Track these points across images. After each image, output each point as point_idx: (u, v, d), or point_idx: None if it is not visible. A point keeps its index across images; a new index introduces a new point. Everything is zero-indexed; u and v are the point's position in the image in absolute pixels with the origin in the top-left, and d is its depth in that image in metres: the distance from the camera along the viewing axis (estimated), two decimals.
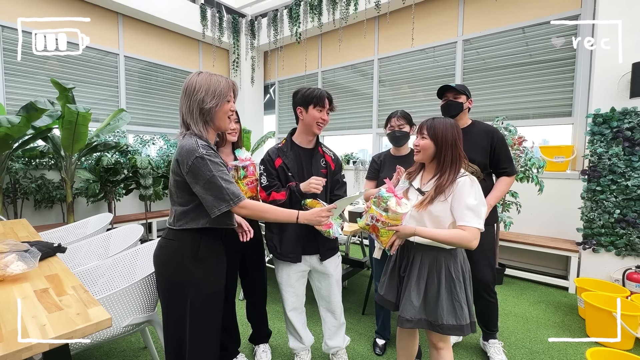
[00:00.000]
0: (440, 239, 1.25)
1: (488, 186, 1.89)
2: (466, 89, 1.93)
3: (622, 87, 2.71)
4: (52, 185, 3.82)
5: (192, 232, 1.24)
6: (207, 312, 1.28)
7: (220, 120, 1.27)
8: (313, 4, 4.90)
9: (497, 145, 1.87)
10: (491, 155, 1.89)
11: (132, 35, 4.84)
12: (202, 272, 1.26)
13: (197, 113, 1.21)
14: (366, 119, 5.02)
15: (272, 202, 1.56)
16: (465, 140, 1.81)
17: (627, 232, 2.69)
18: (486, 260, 1.90)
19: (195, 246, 1.24)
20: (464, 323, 1.27)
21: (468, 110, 1.97)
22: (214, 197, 1.16)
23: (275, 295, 2.70)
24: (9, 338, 0.87)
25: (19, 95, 3.87)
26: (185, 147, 1.17)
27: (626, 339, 2.07)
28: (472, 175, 1.66)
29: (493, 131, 1.91)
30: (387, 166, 2.02)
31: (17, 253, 1.33)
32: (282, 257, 1.66)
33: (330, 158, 1.74)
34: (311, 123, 1.60)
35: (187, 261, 1.24)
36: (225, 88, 1.24)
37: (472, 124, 1.96)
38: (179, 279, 1.25)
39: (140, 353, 2.02)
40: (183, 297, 1.25)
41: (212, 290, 1.29)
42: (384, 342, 2.07)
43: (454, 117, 1.89)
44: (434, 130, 1.31)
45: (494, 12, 3.81)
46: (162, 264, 1.29)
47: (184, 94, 1.23)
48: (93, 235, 2.36)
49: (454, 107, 1.90)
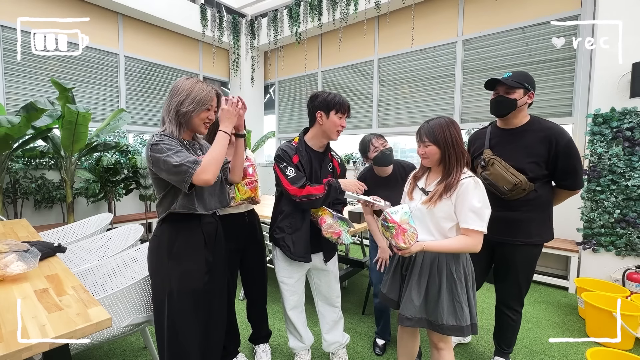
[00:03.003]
0: (447, 250, 1.27)
1: (541, 198, 1.56)
2: (525, 80, 1.55)
3: (622, 87, 2.71)
4: (52, 185, 3.82)
5: (170, 226, 1.30)
6: (184, 312, 1.29)
7: (196, 126, 1.31)
8: (313, 4, 4.90)
9: (557, 151, 1.49)
10: (550, 165, 1.52)
11: (132, 35, 4.84)
12: (177, 268, 1.29)
13: (173, 113, 1.27)
14: (366, 119, 5.02)
15: (308, 195, 1.51)
16: (515, 144, 1.57)
17: (627, 232, 2.68)
18: (515, 277, 1.66)
19: (171, 241, 1.29)
20: (464, 324, 1.27)
21: (529, 106, 1.60)
22: (176, 173, 1.18)
23: (275, 295, 2.70)
24: (9, 338, 0.87)
25: (19, 95, 3.87)
26: (147, 143, 1.25)
27: (626, 339, 2.07)
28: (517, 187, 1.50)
29: (556, 134, 1.49)
30: (372, 186, 1.82)
31: (17, 253, 1.33)
32: (296, 257, 1.61)
33: (337, 163, 1.74)
34: (331, 129, 1.58)
35: (164, 257, 1.29)
36: (207, 97, 1.28)
37: (529, 123, 1.58)
38: (157, 274, 1.31)
39: (140, 353, 2.02)
40: (161, 295, 1.29)
41: (189, 289, 1.30)
42: (384, 342, 2.07)
43: (504, 116, 1.59)
44: (434, 135, 1.30)
45: (494, 12, 3.81)
46: (147, 260, 1.35)
47: (169, 93, 1.30)
48: (93, 235, 2.36)
49: (503, 105, 1.56)
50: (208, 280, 1.37)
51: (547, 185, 1.60)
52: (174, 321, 1.29)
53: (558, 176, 1.57)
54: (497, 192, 1.58)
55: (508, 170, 1.53)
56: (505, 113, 1.58)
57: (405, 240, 1.22)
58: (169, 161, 1.17)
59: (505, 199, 1.57)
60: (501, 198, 1.58)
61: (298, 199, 1.52)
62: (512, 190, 1.53)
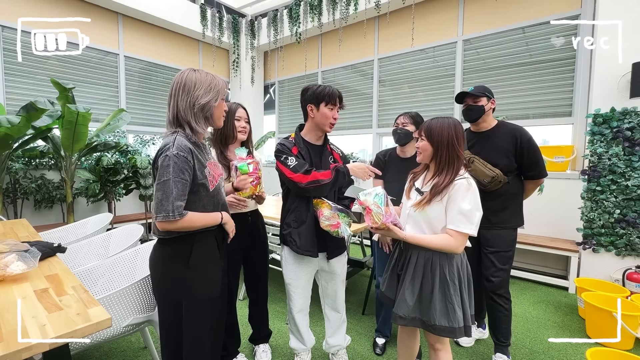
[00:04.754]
0: (425, 244, 1.28)
1: (512, 189, 1.83)
2: (486, 90, 1.85)
3: (622, 87, 2.71)
4: (52, 185, 3.82)
5: (183, 233, 1.20)
6: (205, 320, 1.25)
7: (217, 119, 1.28)
8: (313, 4, 4.90)
9: (522, 147, 1.78)
10: (517, 159, 1.80)
11: (132, 35, 4.84)
12: (199, 277, 1.23)
13: (198, 109, 1.20)
14: (366, 119, 5.01)
15: (315, 181, 1.48)
16: (488, 143, 1.86)
17: (627, 232, 2.68)
18: (498, 260, 1.84)
19: (187, 248, 1.22)
20: (456, 326, 1.26)
21: (493, 111, 1.89)
22: (158, 200, 1.11)
23: (274, 295, 2.70)
24: (9, 338, 0.87)
25: (19, 95, 3.87)
26: (163, 143, 1.18)
27: (626, 339, 2.07)
28: (495, 179, 1.74)
29: (519, 133, 1.81)
30: (393, 167, 1.98)
31: (17, 253, 1.33)
32: (303, 251, 1.57)
33: (339, 155, 1.72)
34: (323, 122, 1.57)
35: (181, 266, 1.22)
36: (222, 86, 1.25)
37: (497, 126, 1.88)
38: (173, 284, 1.23)
39: (140, 353, 2.02)
40: (176, 306, 1.23)
41: (209, 296, 1.25)
42: (384, 341, 2.07)
43: (475, 121, 1.87)
44: (430, 131, 1.31)
45: (494, 12, 3.81)
46: (157, 270, 1.27)
47: (181, 90, 1.19)
48: (93, 235, 2.36)
49: (474, 111, 1.85)
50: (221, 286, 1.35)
51: (517, 179, 1.87)
52: (197, 327, 1.23)
53: (525, 168, 1.83)
54: (479, 185, 1.69)
55: (486, 166, 1.80)
56: (476, 118, 1.86)
57: (372, 219, 1.29)
58: (168, 187, 1.10)
59: (485, 191, 1.76)
60: (482, 190, 1.70)
61: (304, 185, 1.48)
62: (491, 182, 1.79)
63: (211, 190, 1.25)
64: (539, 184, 1.90)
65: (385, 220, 1.28)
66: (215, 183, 1.27)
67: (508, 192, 1.83)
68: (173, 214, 1.10)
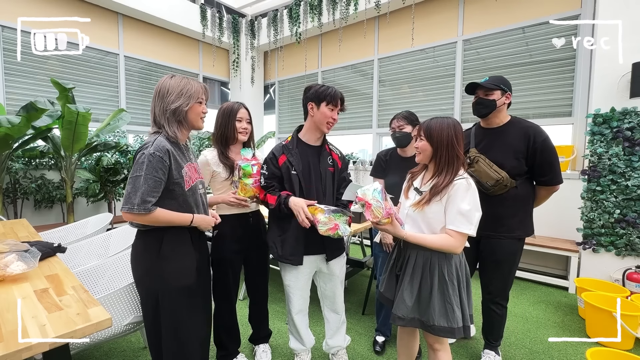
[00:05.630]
0: (425, 244, 1.27)
1: (521, 194, 1.67)
2: (501, 82, 1.66)
3: (622, 87, 2.71)
4: (52, 185, 3.82)
5: (155, 228, 1.27)
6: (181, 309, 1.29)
7: (193, 121, 1.34)
8: (313, 4, 4.90)
9: (535, 147, 1.60)
10: (528, 161, 1.63)
11: (132, 35, 4.84)
12: (169, 266, 1.27)
13: (170, 113, 1.27)
14: (366, 119, 5.02)
15: (264, 202, 1.61)
16: (497, 141, 1.69)
17: (627, 232, 2.68)
18: (499, 271, 1.75)
19: (158, 241, 1.27)
20: (455, 326, 1.26)
21: (508, 106, 1.70)
22: (127, 193, 1.18)
23: (274, 296, 2.70)
24: (9, 338, 0.87)
25: (19, 95, 3.87)
26: (144, 142, 1.25)
27: (626, 339, 2.07)
28: (499, 183, 1.61)
29: (534, 131, 1.62)
30: (394, 166, 1.98)
31: (17, 253, 1.33)
32: (282, 259, 1.60)
33: (337, 156, 1.72)
34: (321, 121, 1.58)
35: (152, 258, 1.27)
36: (196, 90, 1.31)
37: (510, 123, 1.70)
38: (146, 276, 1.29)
39: (140, 353, 2.02)
40: (152, 297, 1.28)
41: (183, 285, 1.29)
42: (384, 339, 2.07)
43: (485, 116, 1.71)
44: (429, 131, 1.30)
45: (494, 12, 3.81)
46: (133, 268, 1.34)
47: (157, 95, 1.29)
48: (93, 235, 2.36)
49: (484, 106, 1.68)
50: (197, 278, 1.36)
51: (527, 183, 1.70)
52: (171, 319, 1.28)
53: (537, 172, 1.66)
54: (481, 188, 1.63)
55: (491, 167, 1.64)
56: (486, 113, 1.70)
57: (372, 214, 1.26)
58: (138, 182, 1.17)
59: (488, 194, 1.66)
60: (484, 193, 1.65)
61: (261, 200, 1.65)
62: (495, 186, 1.64)
63: (186, 190, 1.31)
64: (553, 191, 1.71)
65: (386, 213, 1.27)
66: (192, 183, 1.34)
67: (516, 197, 1.67)
68: (138, 208, 1.16)
